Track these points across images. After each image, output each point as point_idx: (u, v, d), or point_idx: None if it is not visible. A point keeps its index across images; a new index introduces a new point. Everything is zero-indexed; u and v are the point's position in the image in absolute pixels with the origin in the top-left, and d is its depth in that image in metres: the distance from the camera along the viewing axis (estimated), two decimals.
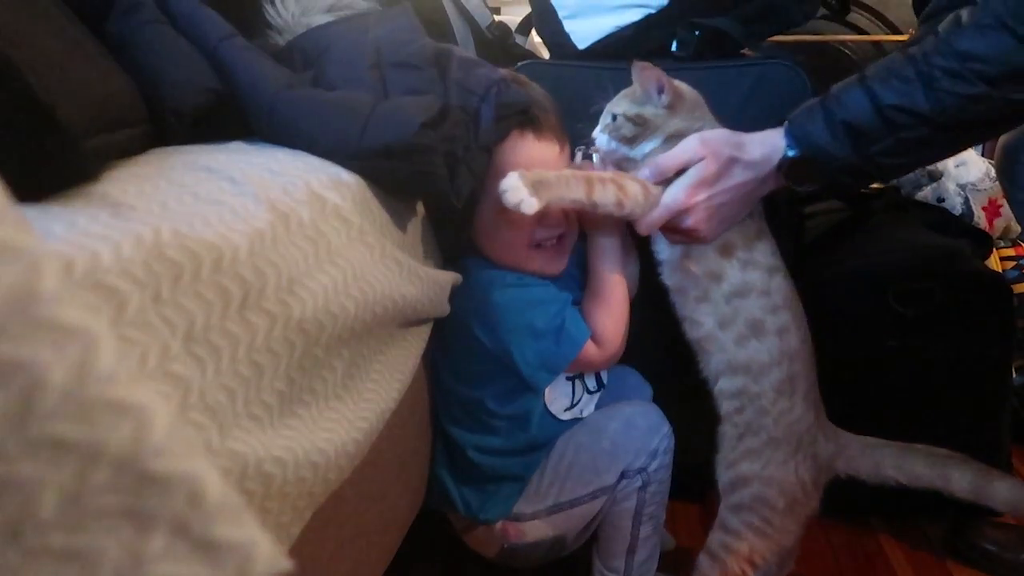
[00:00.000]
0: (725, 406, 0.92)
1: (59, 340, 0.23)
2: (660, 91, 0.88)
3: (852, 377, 1.20)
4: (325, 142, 0.69)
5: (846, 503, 1.25)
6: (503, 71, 0.90)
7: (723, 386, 0.92)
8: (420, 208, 0.86)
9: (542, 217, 0.87)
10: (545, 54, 1.38)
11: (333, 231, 0.60)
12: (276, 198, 0.55)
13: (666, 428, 0.95)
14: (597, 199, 0.83)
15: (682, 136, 0.88)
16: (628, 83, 1.15)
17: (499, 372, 0.91)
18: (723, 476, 0.93)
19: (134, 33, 0.67)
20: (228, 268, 0.46)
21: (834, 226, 1.31)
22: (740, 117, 1.10)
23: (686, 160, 0.86)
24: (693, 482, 1.26)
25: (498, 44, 1.38)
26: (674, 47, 1.14)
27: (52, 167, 0.44)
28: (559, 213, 0.91)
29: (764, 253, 0.90)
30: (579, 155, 1.07)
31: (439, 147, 0.72)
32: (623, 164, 0.93)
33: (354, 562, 0.72)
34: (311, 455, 0.53)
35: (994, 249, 1.41)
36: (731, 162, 0.85)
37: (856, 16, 2.79)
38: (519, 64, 1.17)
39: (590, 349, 0.91)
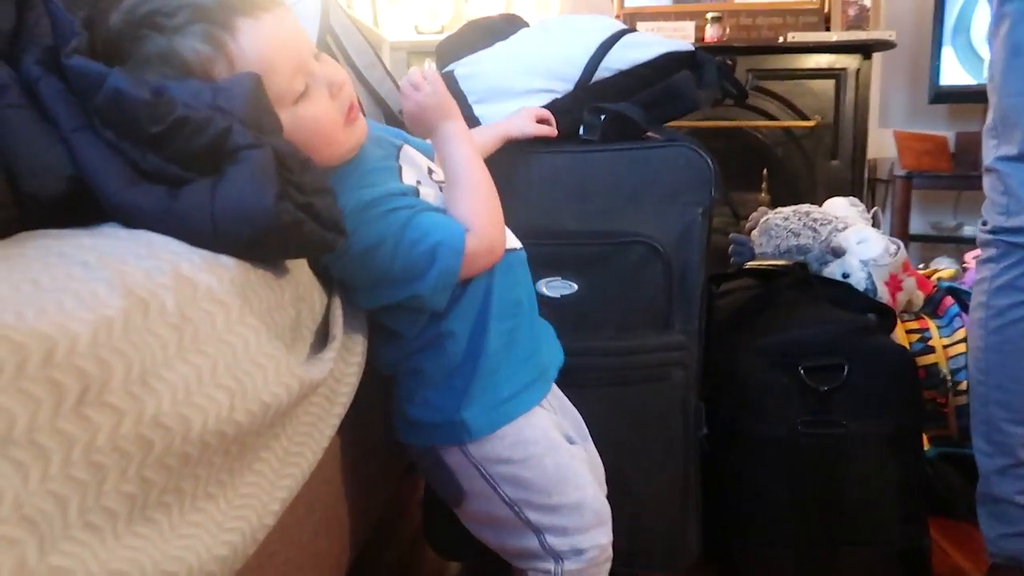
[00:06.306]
0: None
1: None
2: None
3: (769, 453, 1.20)
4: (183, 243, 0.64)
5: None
6: None
7: None
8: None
9: (332, 95, 0.80)
10: None
11: (204, 316, 0.56)
12: (135, 283, 0.51)
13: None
14: None
15: None
16: (539, 167, 1.17)
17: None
18: None
19: None
20: (63, 360, 0.42)
21: (745, 303, 1.33)
22: (647, 196, 1.13)
23: None
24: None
25: None
26: (581, 131, 1.17)
27: None
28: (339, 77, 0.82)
29: None
30: None
31: (299, 203, 0.66)
32: None
33: None
34: (163, 565, 0.47)
35: (898, 322, 1.45)
36: None
37: (767, 103, 2.96)
38: None
39: (470, 241, 0.83)
